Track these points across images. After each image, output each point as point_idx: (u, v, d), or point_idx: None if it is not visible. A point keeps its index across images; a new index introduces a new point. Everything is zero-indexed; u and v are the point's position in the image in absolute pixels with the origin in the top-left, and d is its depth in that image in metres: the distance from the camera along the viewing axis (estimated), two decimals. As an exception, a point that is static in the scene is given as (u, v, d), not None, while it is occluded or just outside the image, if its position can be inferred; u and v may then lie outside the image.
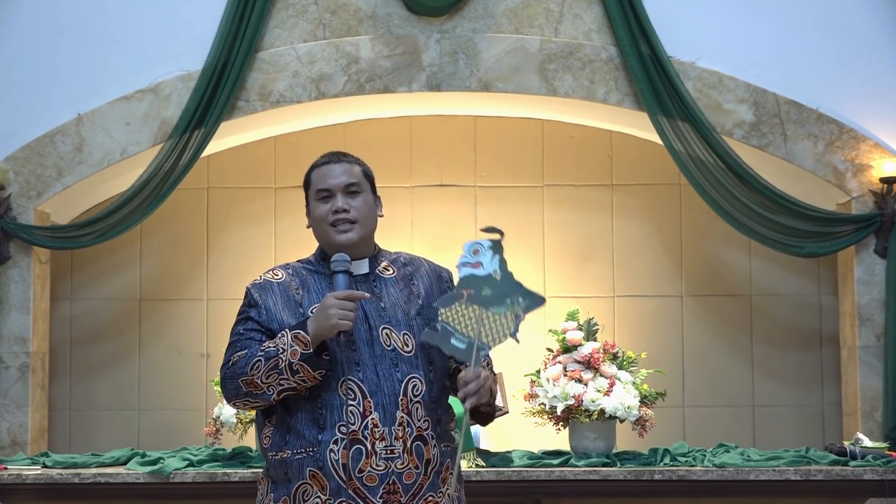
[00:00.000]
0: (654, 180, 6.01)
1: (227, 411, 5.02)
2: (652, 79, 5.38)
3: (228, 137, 5.71)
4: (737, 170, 5.37)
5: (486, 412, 2.95)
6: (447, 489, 2.86)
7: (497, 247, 2.85)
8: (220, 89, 5.38)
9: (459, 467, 2.85)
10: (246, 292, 2.98)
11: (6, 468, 4.93)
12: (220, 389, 5.09)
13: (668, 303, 5.99)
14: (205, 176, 5.98)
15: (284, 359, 2.77)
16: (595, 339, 5.13)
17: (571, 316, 5.17)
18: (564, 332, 5.10)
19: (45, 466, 4.98)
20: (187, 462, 4.92)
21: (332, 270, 2.87)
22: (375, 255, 3.00)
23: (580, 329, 5.12)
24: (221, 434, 5.09)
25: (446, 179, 5.99)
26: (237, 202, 6.04)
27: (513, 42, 5.51)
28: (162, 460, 4.93)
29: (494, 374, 2.99)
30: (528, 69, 5.50)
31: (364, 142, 5.89)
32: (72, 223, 5.64)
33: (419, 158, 6.00)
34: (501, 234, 2.85)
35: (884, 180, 5.39)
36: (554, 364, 5.05)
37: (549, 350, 5.11)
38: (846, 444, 5.04)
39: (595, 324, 5.17)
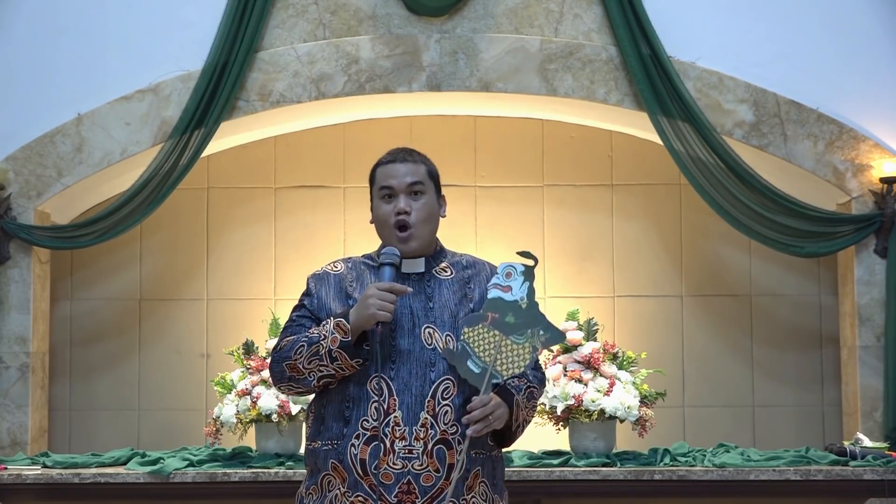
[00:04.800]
0: (654, 180, 6.01)
1: (227, 411, 5.02)
2: (652, 79, 5.38)
3: (228, 137, 5.71)
4: (737, 170, 5.37)
5: (505, 434, 2.93)
6: (472, 497, 2.84)
7: (529, 274, 2.87)
8: (220, 89, 5.38)
9: (455, 482, 2.81)
10: (307, 282, 3.01)
11: (6, 468, 4.93)
12: (219, 389, 5.13)
13: (668, 303, 5.98)
14: (205, 176, 5.98)
15: (325, 345, 2.80)
16: (595, 339, 5.13)
17: (571, 316, 5.17)
18: (564, 332, 5.10)
19: (45, 466, 4.98)
20: (187, 462, 4.92)
21: (380, 262, 2.90)
22: (435, 254, 3.00)
23: (580, 329, 5.13)
24: (221, 434, 5.09)
25: (446, 179, 5.87)
26: (237, 202, 6.04)
27: (513, 42, 5.51)
28: (162, 460, 4.93)
29: (532, 392, 2.94)
30: (528, 69, 5.50)
31: (364, 142, 5.90)
32: (72, 223, 5.64)
33: (419, 158, 5.99)
34: (536, 261, 2.87)
35: (884, 180, 5.39)
36: (554, 364, 5.05)
37: (550, 350, 5.11)
38: (846, 444, 5.04)
39: (595, 324, 5.17)
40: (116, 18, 5.54)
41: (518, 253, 2.89)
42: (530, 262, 2.87)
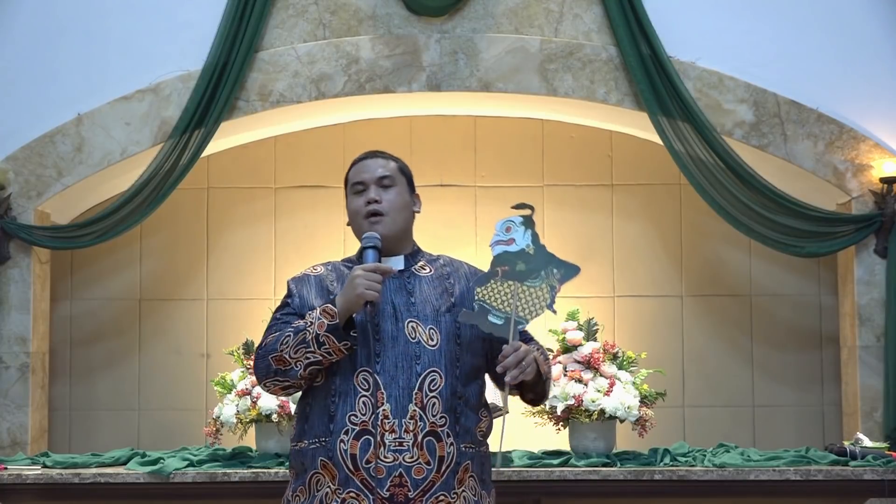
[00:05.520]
0: (654, 180, 6.01)
1: (227, 411, 5.02)
2: (652, 79, 5.38)
3: (228, 137, 5.71)
4: (737, 170, 5.37)
5: (534, 391, 2.95)
6: (463, 491, 2.84)
7: (528, 222, 2.86)
8: (220, 89, 5.38)
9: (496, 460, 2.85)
10: (287, 285, 3.03)
11: (6, 468, 4.93)
12: (219, 389, 5.12)
13: (668, 303, 5.98)
14: (205, 176, 5.98)
15: (312, 331, 2.80)
16: (595, 339, 5.13)
17: (571, 316, 5.17)
18: (564, 332, 5.10)
19: (45, 466, 4.98)
20: (187, 462, 4.92)
21: (362, 247, 2.92)
22: (413, 254, 3.03)
23: (580, 329, 5.13)
24: (221, 434, 5.09)
25: (446, 179, 5.99)
26: (237, 202, 6.04)
27: (513, 42, 5.51)
28: (162, 460, 4.93)
29: (545, 353, 3.00)
30: (528, 69, 5.50)
31: (364, 142, 5.88)
32: (72, 223, 5.64)
33: (419, 158, 5.96)
34: (532, 209, 2.87)
35: (884, 180, 5.39)
36: (554, 364, 5.05)
37: (550, 350, 5.10)
38: (846, 444, 5.04)
39: (595, 324, 5.17)
40: (116, 18, 5.54)
41: (513, 207, 2.89)
42: (527, 212, 2.87)
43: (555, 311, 2.87)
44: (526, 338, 3.03)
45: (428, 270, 3.00)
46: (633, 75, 5.40)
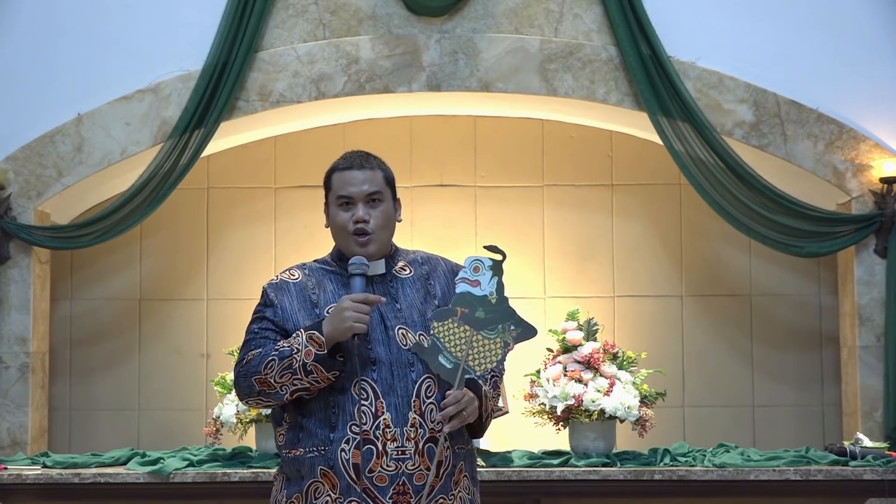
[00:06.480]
0: (654, 180, 6.01)
1: (227, 411, 5.02)
2: (652, 79, 5.38)
3: (228, 137, 5.71)
4: (737, 170, 5.37)
5: (475, 426, 2.96)
6: (459, 491, 2.85)
7: (497, 268, 2.85)
8: (220, 89, 5.38)
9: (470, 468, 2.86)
10: (262, 291, 2.98)
11: (6, 468, 4.93)
12: (219, 389, 5.12)
13: (668, 303, 5.98)
14: (205, 176, 5.98)
15: (299, 359, 2.78)
16: (595, 339, 5.13)
17: (571, 316, 5.17)
18: (564, 332, 5.10)
19: (45, 466, 4.99)
20: (187, 462, 4.92)
21: (350, 273, 2.88)
22: (392, 255, 3.00)
23: (580, 329, 5.13)
24: (221, 434, 5.09)
25: (446, 179, 5.99)
26: (237, 202, 6.04)
27: (513, 42, 5.51)
28: (162, 460, 4.93)
29: (496, 386, 2.99)
30: (528, 69, 5.50)
31: (364, 142, 5.86)
32: (72, 223, 5.64)
33: (419, 158, 6.00)
34: (504, 255, 2.86)
35: (884, 180, 5.39)
36: (554, 364, 5.05)
37: (549, 350, 5.11)
38: (846, 444, 5.04)
39: (595, 324, 5.17)
40: (116, 18, 5.54)
41: (485, 247, 2.88)
42: (498, 257, 2.86)
43: (503, 369, 2.90)
44: None
45: (408, 272, 2.98)
46: (633, 75, 5.40)
